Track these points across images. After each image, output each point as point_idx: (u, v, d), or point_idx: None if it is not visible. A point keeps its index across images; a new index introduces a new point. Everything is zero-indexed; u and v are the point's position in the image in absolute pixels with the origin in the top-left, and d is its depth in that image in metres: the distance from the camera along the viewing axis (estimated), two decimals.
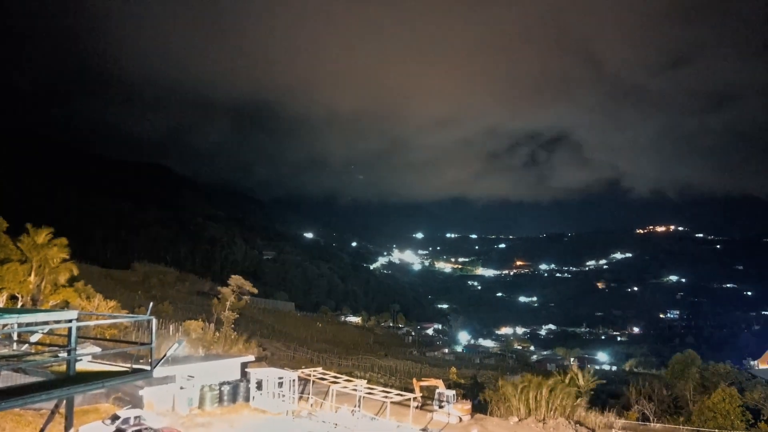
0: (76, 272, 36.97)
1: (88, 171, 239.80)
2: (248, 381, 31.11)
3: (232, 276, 50.57)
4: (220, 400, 29.31)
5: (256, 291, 54.85)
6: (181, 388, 28.54)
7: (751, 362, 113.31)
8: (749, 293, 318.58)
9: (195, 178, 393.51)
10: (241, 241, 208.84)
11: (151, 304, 19.12)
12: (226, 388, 29.74)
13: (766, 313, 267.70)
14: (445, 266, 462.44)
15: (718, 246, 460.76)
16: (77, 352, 14.30)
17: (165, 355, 15.23)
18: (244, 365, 34.14)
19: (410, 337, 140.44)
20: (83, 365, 15.55)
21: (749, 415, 37.00)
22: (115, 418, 22.22)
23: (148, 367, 14.74)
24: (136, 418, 22.38)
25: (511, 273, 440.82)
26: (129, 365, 15.05)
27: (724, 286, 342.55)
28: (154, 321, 15.49)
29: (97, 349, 26.71)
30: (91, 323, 28.31)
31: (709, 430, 34.93)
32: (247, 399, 30.38)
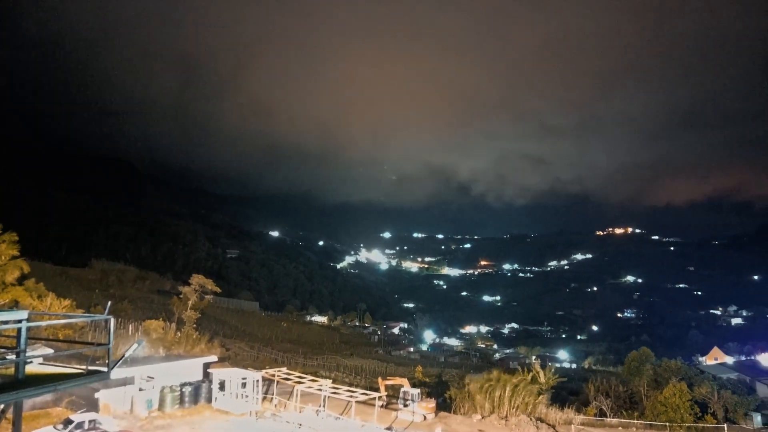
0: (27, 270, 35.22)
1: (44, 164, 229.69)
2: (211, 382, 30.46)
3: (194, 275, 49.39)
4: (182, 401, 28.59)
5: (219, 290, 53.79)
6: (141, 389, 27.69)
7: (700, 358, 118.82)
8: (699, 293, 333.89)
9: (158, 175, 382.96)
10: (205, 239, 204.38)
11: (109, 303, 18.40)
12: (187, 389, 29.02)
13: (713, 312, 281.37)
14: (412, 266, 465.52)
15: (672, 248, 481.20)
16: (27, 354, 13.64)
17: (123, 356, 14.72)
18: (206, 366, 33.39)
19: (376, 337, 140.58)
20: (34, 368, 14.85)
21: (697, 408, 38.77)
22: (67, 422, 21.34)
23: (104, 369, 14.19)
24: (90, 422, 21.55)
25: (476, 273, 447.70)
26: (84, 367, 14.47)
27: (676, 286, 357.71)
28: (112, 320, 14.90)
29: (50, 351, 25.57)
30: (43, 323, 27.03)
31: (661, 423, 36.41)
32: (209, 400, 29.75)
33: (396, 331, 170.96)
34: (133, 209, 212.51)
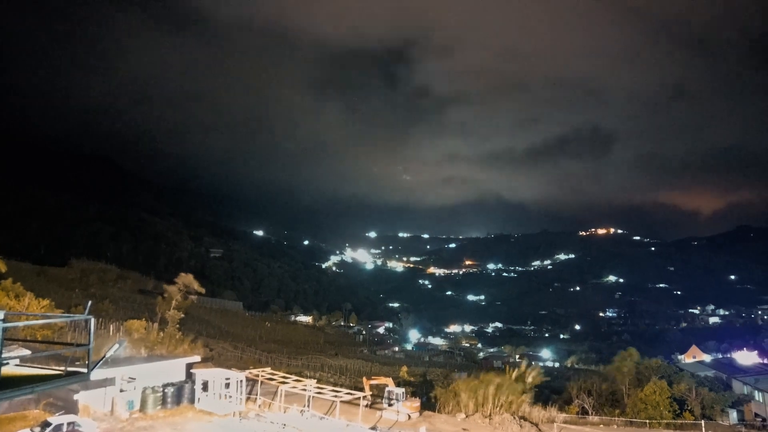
0: (3, 269, 34.53)
1: (21, 161, 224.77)
2: (194, 382, 30.09)
3: (181, 274, 48.80)
4: (164, 402, 28.19)
5: (203, 290, 53.31)
6: (122, 390, 27.23)
7: (679, 356, 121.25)
8: (678, 292, 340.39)
9: (140, 173, 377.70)
10: (188, 238, 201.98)
11: (89, 302, 18.04)
12: (170, 390, 28.62)
13: (692, 311, 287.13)
14: (398, 265, 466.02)
15: (653, 248, 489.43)
16: (3, 356, 13.29)
17: (104, 357, 14.42)
18: (189, 366, 32.98)
19: (361, 336, 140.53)
20: (11, 369, 14.49)
21: (676, 406, 39.52)
22: (45, 425, 20.89)
23: (84, 370, 13.90)
24: (69, 424, 21.13)
25: (461, 272, 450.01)
26: (63, 368, 14.16)
27: (657, 286, 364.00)
28: (93, 320, 14.57)
29: (27, 352, 25.00)
30: (20, 324, 26.41)
31: (641, 420, 37.03)
32: (192, 401, 29.38)
33: (381, 330, 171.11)
34: (115, 207, 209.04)
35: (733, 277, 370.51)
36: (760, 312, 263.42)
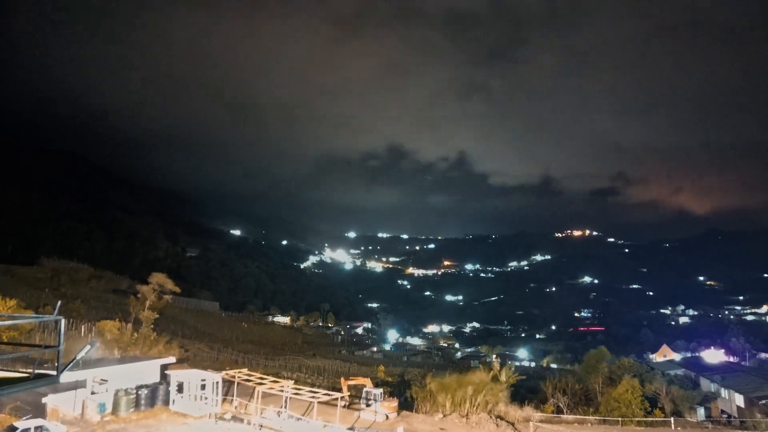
0: None
1: None
2: (168, 384, 29.55)
3: (154, 274, 47.86)
4: (137, 404, 27.61)
5: (178, 290, 52.29)
6: (93, 392, 26.57)
7: (650, 356, 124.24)
8: (651, 293, 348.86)
9: (114, 169, 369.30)
10: (163, 237, 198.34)
11: (59, 302, 17.55)
12: (143, 392, 28.04)
13: (663, 311, 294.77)
14: (377, 266, 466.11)
15: (627, 250, 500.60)
16: None
17: (75, 358, 14.03)
18: (164, 367, 32.38)
19: (339, 337, 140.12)
20: None
21: (647, 404, 40.49)
22: (11, 429, 20.21)
23: (53, 372, 13.51)
24: (37, 428, 20.49)
25: (439, 272, 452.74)
26: (31, 370, 13.74)
27: (630, 286, 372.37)
28: (63, 321, 14.16)
29: None
30: None
31: (614, 418, 37.80)
32: (166, 403, 28.84)
33: (360, 331, 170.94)
34: (87, 205, 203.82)
35: (702, 278, 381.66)
36: (726, 312, 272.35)
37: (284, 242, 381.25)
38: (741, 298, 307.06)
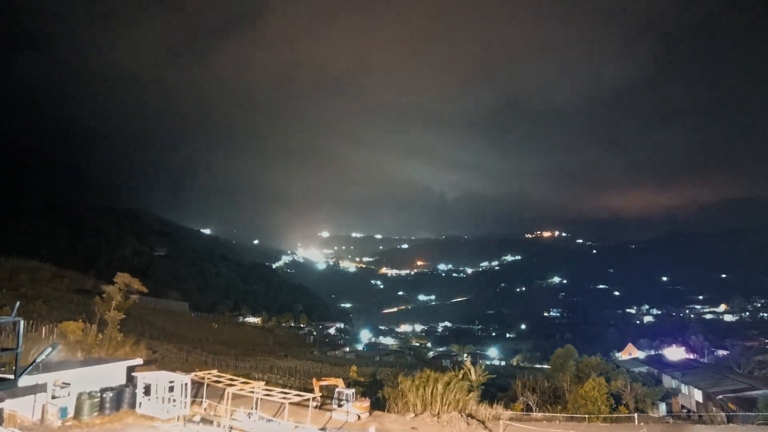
0: None
1: None
2: (135, 386, 28.83)
3: (119, 273, 46.58)
4: (101, 408, 26.83)
5: (146, 290, 51.10)
6: (54, 396, 25.67)
7: (616, 354, 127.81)
8: (617, 293, 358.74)
9: (78, 165, 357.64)
10: (131, 235, 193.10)
11: (18, 303, 16.87)
12: (108, 395, 27.27)
13: (629, 311, 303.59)
14: (350, 265, 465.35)
15: (594, 251, 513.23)
16: None
17: (34, 362, 13.56)
18: (130, 369, 31.57)
19: (312, 337, 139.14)
20: None
21: (612, 400, 41.61)
22: None
23: (11, 376, 13.01)
24: None
25: (413, 272, 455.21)
26: None
27: (597, 287, 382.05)
28: (22, 323, 13.65)
29: None
30: None
31: (581, 415, 38.68)
32: (133, 405, 28.14)
33: (332, 331, 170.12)
34: (50, 202, 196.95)
35: (665, 278, 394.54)
36: (687, 311, 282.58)
37: (256, 242, 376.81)
38: (700, 297, 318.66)
